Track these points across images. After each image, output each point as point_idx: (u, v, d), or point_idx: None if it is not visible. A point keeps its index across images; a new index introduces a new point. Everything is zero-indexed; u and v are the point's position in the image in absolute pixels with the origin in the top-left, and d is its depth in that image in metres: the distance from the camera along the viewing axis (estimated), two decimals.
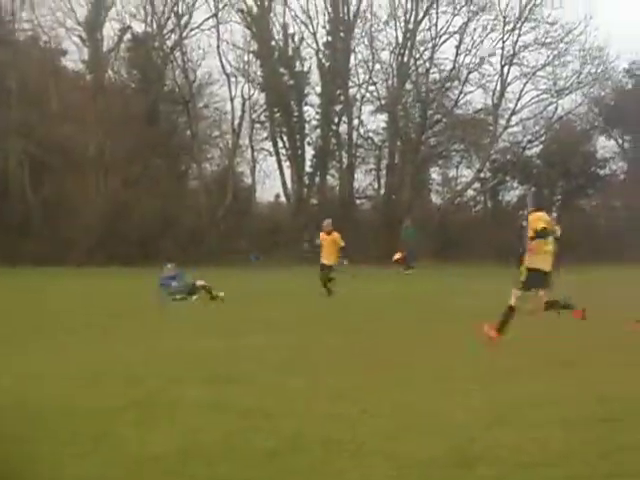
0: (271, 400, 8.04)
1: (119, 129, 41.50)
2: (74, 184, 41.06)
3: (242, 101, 46.16)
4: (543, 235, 12.62)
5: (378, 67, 46.80)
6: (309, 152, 47.12)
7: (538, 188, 46.50)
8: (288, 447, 6.35)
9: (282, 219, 46.66)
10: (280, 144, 46.86)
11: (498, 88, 46.80)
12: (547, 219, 12.97)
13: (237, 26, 45.95)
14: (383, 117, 47.47)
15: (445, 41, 46.50)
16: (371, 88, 47.00)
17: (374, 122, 47.98)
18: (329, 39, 46.91)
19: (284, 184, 47.08)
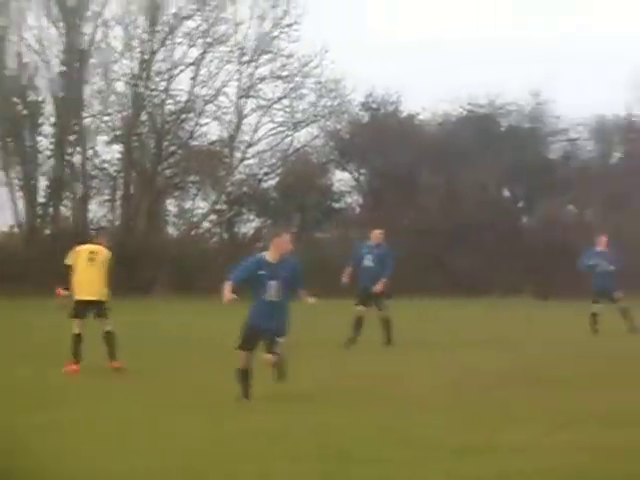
0: None
1: None
2: None
3: None
4: None
5: (113, 98, 46.45)
6: (43, 182, 46.20)
7: (274, 221, 47.25)
8: None
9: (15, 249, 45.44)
10: (13, 174, 45.78)
11: (234, 120, 47.08)
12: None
13: None
14: (118, 147, 46.95)
15: (181, 72, 46.38)
16: (106, 118, 46.45)
17: (109, 153, 47.20)
18: (63, 69, 46.29)
19: (17, 214, 45.99)
